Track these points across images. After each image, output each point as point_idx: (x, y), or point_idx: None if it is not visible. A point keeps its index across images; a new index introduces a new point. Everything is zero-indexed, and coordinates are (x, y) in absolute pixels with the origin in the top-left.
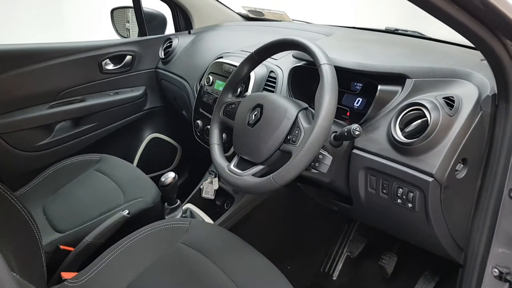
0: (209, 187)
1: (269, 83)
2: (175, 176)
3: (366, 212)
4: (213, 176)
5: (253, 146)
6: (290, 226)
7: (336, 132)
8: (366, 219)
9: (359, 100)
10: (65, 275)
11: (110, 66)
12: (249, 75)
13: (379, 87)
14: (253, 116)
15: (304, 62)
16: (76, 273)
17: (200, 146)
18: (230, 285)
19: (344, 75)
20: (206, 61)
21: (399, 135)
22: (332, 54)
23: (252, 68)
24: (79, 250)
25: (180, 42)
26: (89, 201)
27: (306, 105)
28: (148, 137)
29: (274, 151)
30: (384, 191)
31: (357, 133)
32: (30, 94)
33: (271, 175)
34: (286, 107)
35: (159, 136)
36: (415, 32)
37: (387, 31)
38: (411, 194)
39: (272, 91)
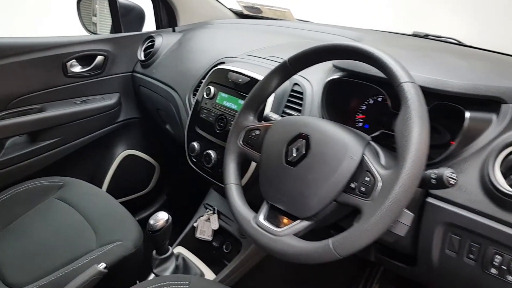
0: (205, 226)
1: (293, 99)
2: (168, 218)
3: (434, 278)
4: (211, 212)
5: (296, 193)
6: (305, 274)
7: None
8: (432, 285)
9: None
10: None
11: (77, 69)
12: None
13: (468, 114)
14: (295, 150)
15: (342, 73)
16: None
17: (181, 164)
18: None
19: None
20: (200, 67)
21: (501, 184)
22: None
23: (283, 81)
24: None
25: (164, 41)
26: (50, 242)
27: (369, 137)
28: (121, 154)
29: (329, 203)
30: (471, 256)
31: (452, 182)
32: None
33: (330, 240)
34: (346, 141)
35: (134, 153)
36: (447, 38)
37: (417, 35)
38: None
39: (299, 111)
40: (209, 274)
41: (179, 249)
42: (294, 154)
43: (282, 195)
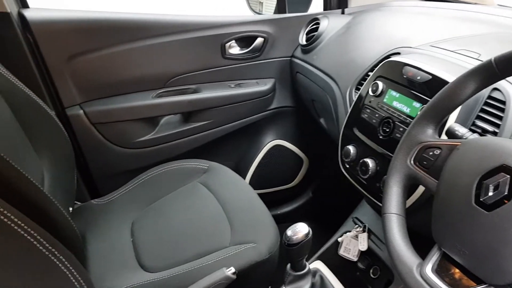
0: (351, 244)
1: (490, 109)
2: (309, 232)
3: None
4: (360, 229)
5: (486, 249)
6: None
7: None
8: None
9: None
10: None
11: (235, 50)
12: None
13: None
14: (492, 188)
15: None
16: None
17: (333, 163)
18: None
19: None
20: (369, 57)
21: None
22: None
23: (483, 86)
24: None
25: (331, 25)
26: (186, 230)
27: None
28: (270, 143)
29: None
30: None
31: None
32: (134, 77)
33: None
34: None
35: (283, 143)
36: None
37: None
38: None
39: (496, 126)
40: None
41: (317, 264)
42: (491, 194)
43: (464, 246)
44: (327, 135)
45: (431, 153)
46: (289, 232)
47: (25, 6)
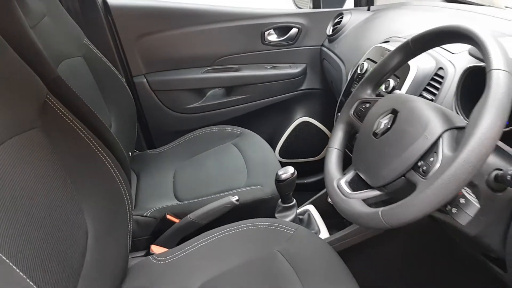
0: None
1: (434, 83)
2: (294, 172)
3: None
4: None
5: (372, 163)
6: (422, 273)
7: (501, 170)
8: None
9: None
10: (155, 249)
11: (273, 38)
12: (409, 68)
13: None
14: (383, 124)
15: (483, 64)
16: (166, 250)
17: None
18: None
19: None
20: (371, 45)
21: None
22: None
23: (405, 60)
24: (180, 225)
25: (352, 19)
26: (215, 174)
27: (463, 123)
28: (298, 120)
29: (397, 177)
30: None
31: None
32: (188, 56)
33: (380, 209)
34: (428, 121)
35: (310, 120)
36: None
37: None
38: None
39: (434, 94)
40: (324, 234)
41: (308, 207)
42: (381, 127)
43: (363, 164)
44: None
45: (364, 106)
46: (280, 172)
47: None
